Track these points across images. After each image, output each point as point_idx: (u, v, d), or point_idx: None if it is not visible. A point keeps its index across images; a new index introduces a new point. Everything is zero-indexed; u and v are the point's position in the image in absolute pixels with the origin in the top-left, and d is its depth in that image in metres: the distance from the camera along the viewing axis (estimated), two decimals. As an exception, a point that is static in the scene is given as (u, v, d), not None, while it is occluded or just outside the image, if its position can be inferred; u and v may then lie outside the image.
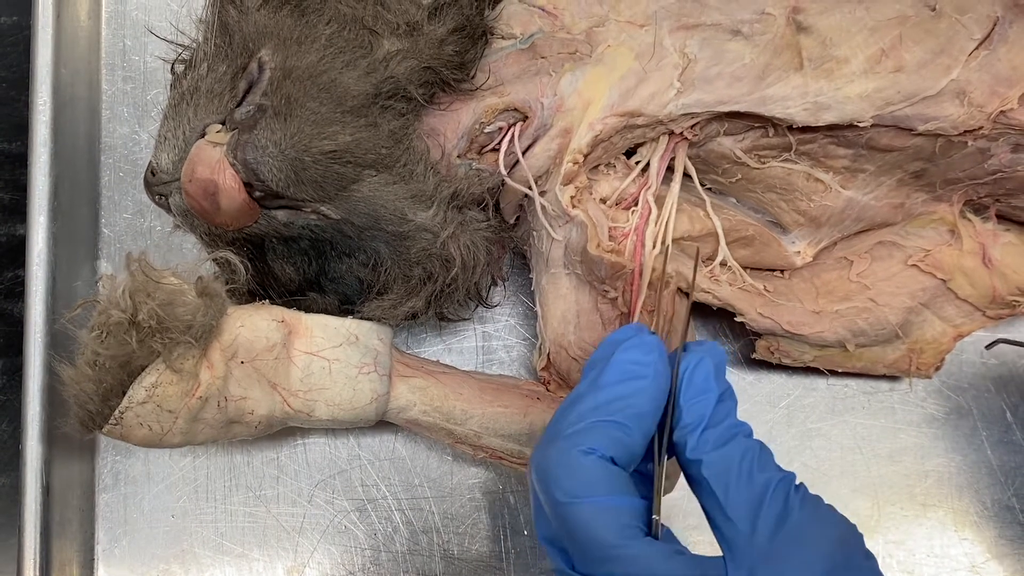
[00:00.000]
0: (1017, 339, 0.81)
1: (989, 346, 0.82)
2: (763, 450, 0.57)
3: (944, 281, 0.77)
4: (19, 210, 0.83)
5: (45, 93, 0.79)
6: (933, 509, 0.83)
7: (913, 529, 0.82)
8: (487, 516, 0.82)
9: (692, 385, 0.59)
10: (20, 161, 0.84)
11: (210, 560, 0.81)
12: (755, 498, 0.54)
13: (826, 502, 0.56)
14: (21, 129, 0.82)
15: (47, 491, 0.75)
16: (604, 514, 0.54)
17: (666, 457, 0.59)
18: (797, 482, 0.56)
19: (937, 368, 0.80)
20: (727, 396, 0.59)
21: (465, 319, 0.82)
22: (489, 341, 0.84)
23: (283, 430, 0.75)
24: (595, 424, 0.57)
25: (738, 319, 0.77)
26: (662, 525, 0.56)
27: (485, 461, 0.79)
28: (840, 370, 0.81)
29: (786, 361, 0.80)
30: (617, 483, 0.55)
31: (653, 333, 0.61)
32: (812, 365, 0.80)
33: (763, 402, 0.84)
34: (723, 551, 0.55)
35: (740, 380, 0.84)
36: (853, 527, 0.56)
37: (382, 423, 0.74)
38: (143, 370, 0.64)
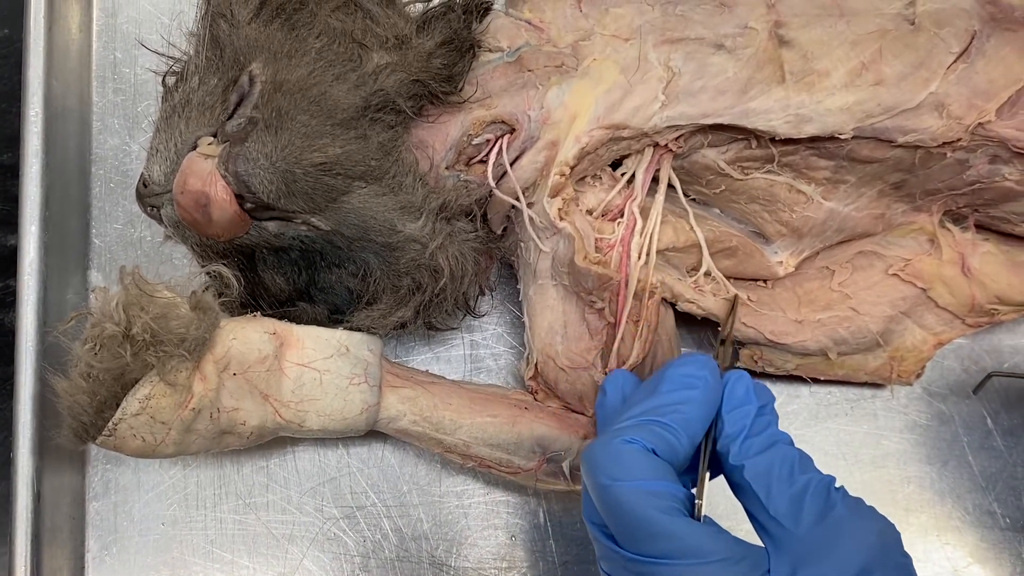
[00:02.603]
0: (1009, 371, 0.83)
1: (976, 389, 0.84)
2: (803, 455, 0.60)
3: (924, 290, 0.78)
4: (10, 220, 0.83)
5: (37, 105, 0.80)
6: (915, 514, 0.83)
7: (895, 534, 0.83)
8: (476, 522, 0.82)
9: (733, 398, 0.62)
10: (12, 172, 0.85)
11: (200, 568, 0.82)
12: (796, 496, 0.57)
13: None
14: (13, 140, 0.82)
15: (38, 499, 0.76)
16: (646, 496, 0.56)
17: (712, 445, 0.62)
18: (837, 484, 0.58)
19: (918, 375, 0.81)
20: (767, 410, 0.62)
21: (453, 328, 0.83)
22: (477, 349, 0.85)
23: (272, 439, 0.75)
24: (642, 422, 0.60)
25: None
26: (706, 515, 0.59)
27: (474, 470, 0.79)
28: (822, 378, 0.82)
29: (769, 370, 0.81)
30: (659, 470, 0.57)
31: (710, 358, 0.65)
32: (794, 373, 0.81)
33: (747, 409, 0.85)
34: (767, 546, 0.57)
35: (724, 387, 0.85)
36: (892, 526, 0.58)
37: (371, 431, 0.75)
38: (137, 382, 0.64)
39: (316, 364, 0.70)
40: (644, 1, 0.74)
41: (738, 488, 0.60)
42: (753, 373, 0.81)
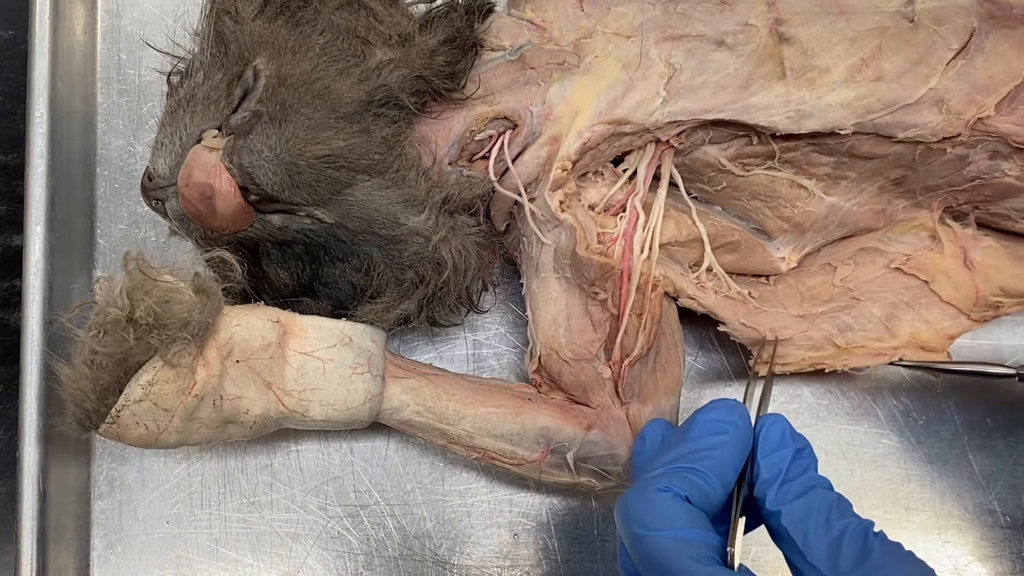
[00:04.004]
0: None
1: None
2: (841, 500, 0.59)
3: (927, 282, 0.79)
4: (16, 221, 0.84)
5: (42, 106, 0.80)
6: (916, 513, 0.84)
7: (896, 533, 0.82)
8: (479, 521, 0.82)
9: (768, 443, 0.62)
10: (17, 173, 0.85)
11: (205, 566, 0.82)
12: (834, 541, 0.56)
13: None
14: (18, 141, 0.83)
15: (43, 498, 0.76)
16: (680, 545, 0.56)
17: (744, 494, 0.62)
18: (876, 529, 0.58)
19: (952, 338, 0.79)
20: (804, 453, 0.62)
21: (456, 325, 0.83)
22: (480, 349, 0.85)
23: (276, 435, 0.76)
24: (674, 469, 0.60)
25: (721, 328, 0.78)
26: (741, 563, 0.58)
27: (478, 462, 0.79)
28: (855, 364, 0.79)
29: (788, 368, 0.79)
30: (692, 518, 0.57)
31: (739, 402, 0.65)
32: (820, 367, 0.79)
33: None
34: None
35: (724, 389, 0.85)
36: (932, 571, 0.57)
37: (375, 428, 0.75)
38: (140, 367, 0.64)
39: (319, 353, 0.70)
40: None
41: (776, 534, 0.60)
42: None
